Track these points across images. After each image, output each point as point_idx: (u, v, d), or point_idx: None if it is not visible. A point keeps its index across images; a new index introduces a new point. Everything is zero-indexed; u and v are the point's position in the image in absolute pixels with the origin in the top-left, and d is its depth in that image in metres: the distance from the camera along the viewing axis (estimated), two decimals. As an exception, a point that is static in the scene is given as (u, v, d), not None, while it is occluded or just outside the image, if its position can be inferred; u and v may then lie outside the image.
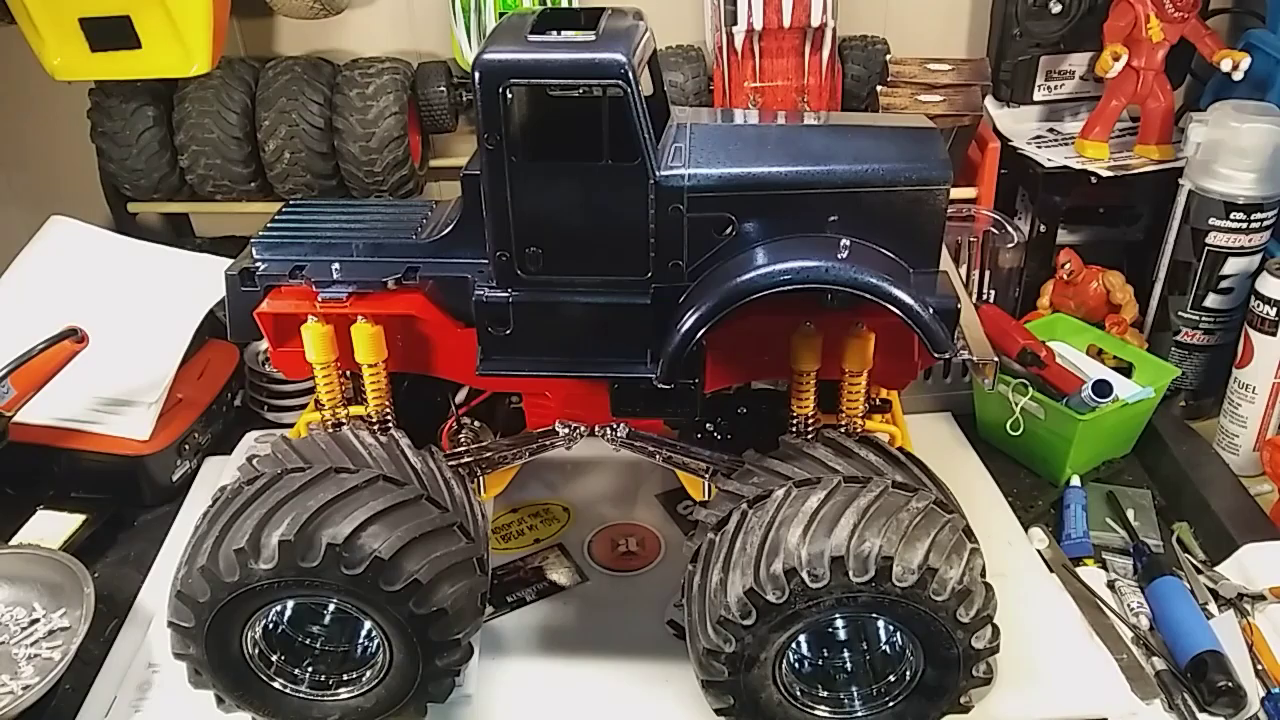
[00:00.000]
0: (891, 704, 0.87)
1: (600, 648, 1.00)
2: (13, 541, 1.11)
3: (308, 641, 0.93)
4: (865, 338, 0.87)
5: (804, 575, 0.79)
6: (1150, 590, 1.04)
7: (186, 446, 1.23)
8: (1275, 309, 1.14)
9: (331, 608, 0.93)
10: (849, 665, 0.90)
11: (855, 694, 0.88)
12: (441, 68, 1.42)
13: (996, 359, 0.89)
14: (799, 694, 0.87)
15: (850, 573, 0.78)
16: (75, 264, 1.30)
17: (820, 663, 0.90)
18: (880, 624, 0.89)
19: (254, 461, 0.92)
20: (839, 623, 0.90)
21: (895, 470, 0.88)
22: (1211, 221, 1.22)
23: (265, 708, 0.90)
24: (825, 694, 0.88)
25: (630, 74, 0.78)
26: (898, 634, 0.86)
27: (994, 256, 1.36)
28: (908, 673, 0.86)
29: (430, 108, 1.41)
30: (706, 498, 0.96)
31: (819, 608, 0.80)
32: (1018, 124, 1.45)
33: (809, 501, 0.82)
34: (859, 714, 0.88)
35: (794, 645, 0.86)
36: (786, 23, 1.33)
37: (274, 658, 0.90)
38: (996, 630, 0.83)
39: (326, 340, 0.92)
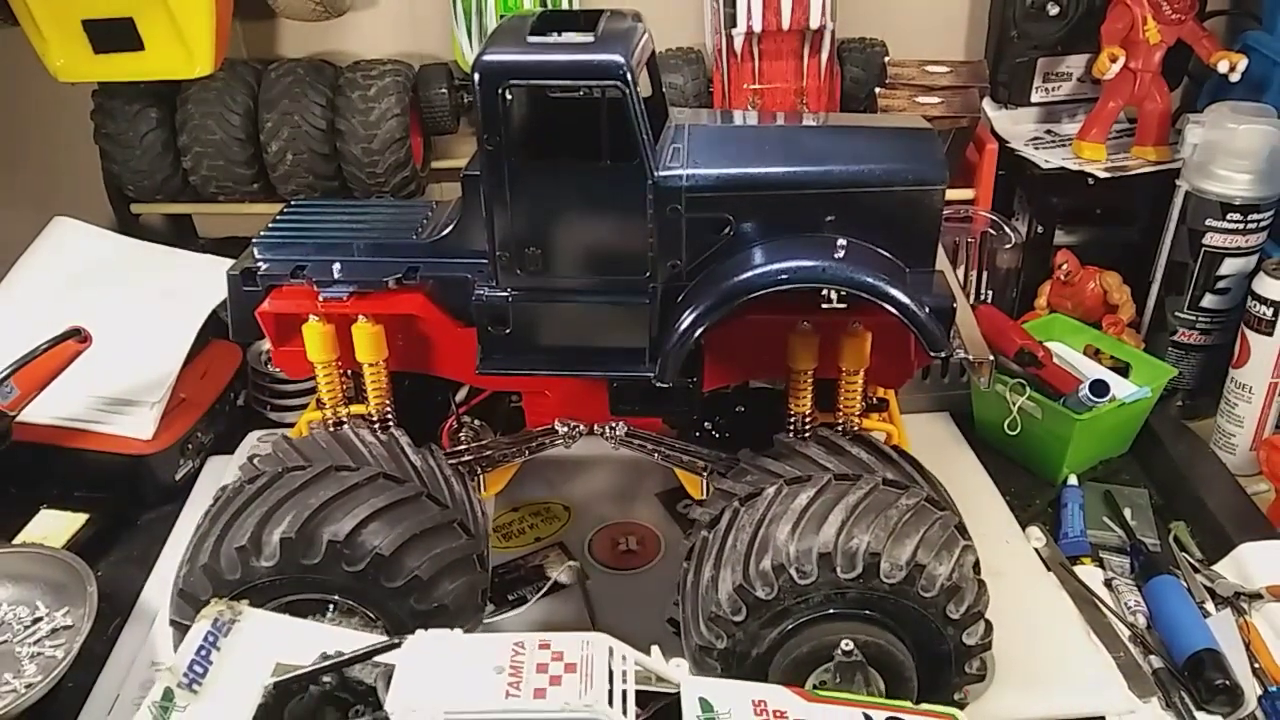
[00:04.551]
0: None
1: (600, 646, 1.00)
2: (16, 540, 1.11)
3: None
4: (862, 337, 0.87)
5: (792, 572, 0.79)
6: (1147, 589, 1.05)
7: (189, 446, 1.24)
8: (1272, 309, 1.15)
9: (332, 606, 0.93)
10: None
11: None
12: (443, 69, 1.42)
13: (993, 358, 0.89)
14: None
15: (838, 569, 0.79)
16: (79, 264, 1.30)
17: None
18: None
19: (255, 460, 0.93)
20: None
21: (887, 468, 0.88)
22: (1208, 222, 1.22)
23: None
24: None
25: (629, 75, 0.79)
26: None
27: (992, 257, 1.36)
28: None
29: (432, 109, 1.41)
30: (705, 496, 0.96)
31: (808, 604, 0.81)
32: (1015, 125, 1.46)
33: (799, 499, 0.83)
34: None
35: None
36: (785, 25, 1.33)
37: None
38: (989, 626, 0.84)
39: (328, 340, 0.92)
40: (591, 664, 0.71)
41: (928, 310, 0.81)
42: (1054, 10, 1.39)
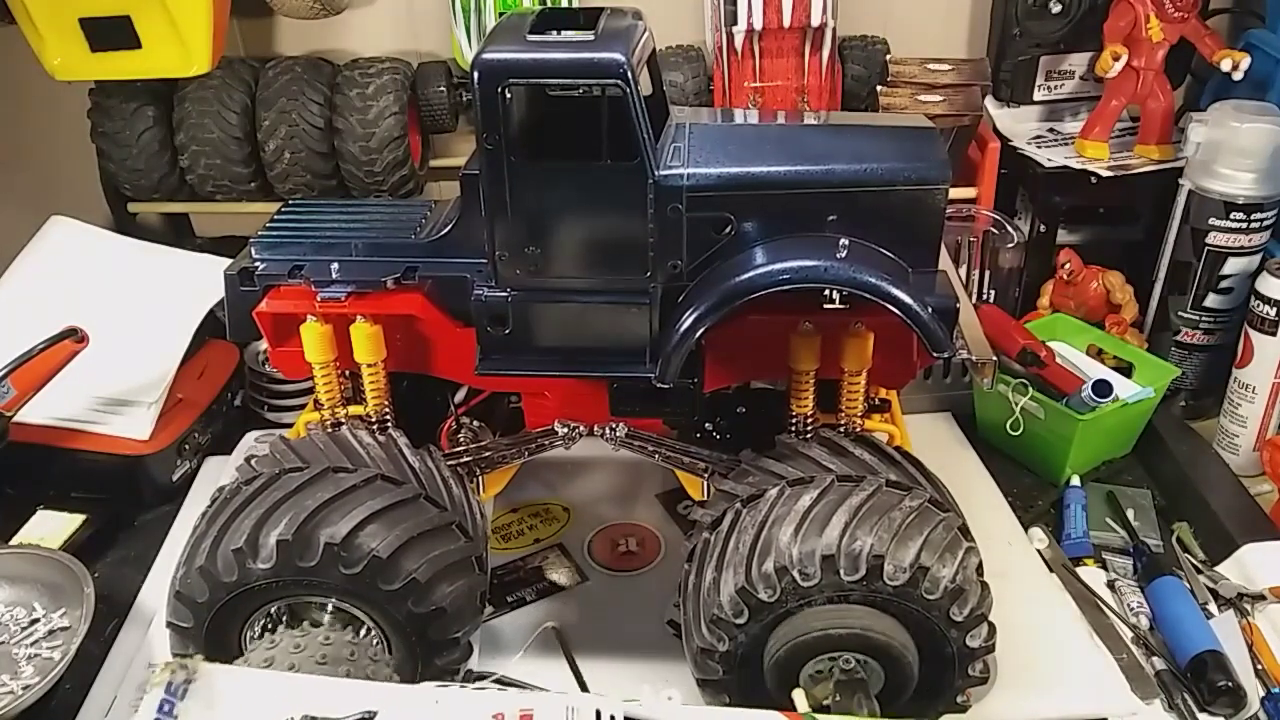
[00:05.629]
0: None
1: (600, 648, 1.00)
2: (13, 541, 1.11)
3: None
4: (864, 337, 0.87)
5: (795, 574, 0.79)
6: (1150, 590, 1.04)
7: (187, 446, 1.23)
8: (1275, 309, 1.14)
9: (331, 607, 0.93)
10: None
11: None
12: (441, 68, 1.42)
13: (995, 358, 0.89)
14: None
15: (841, 571, 0.79)
16: (75, 264, 1.30)
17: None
18: None
19: (252, 461, 0.92)
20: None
21: (890, 469, 0.88)
22: (1211, 221, 1.22)
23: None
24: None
25: (629, 73, 0.78)
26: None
27: (994, 256, 1.36)
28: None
29: (430, 108, 1.41)
30: (706, 497, 0.96)
31: (811, 606, 0.80)
32: (1018, 124, 1.45)
33: (801, 500, 0.82)
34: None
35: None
36: (786, 23, 1.33)
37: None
38: (992, 629, 0.83)
39: (325, 340, 0.92)
40: None
41: (930, 310, 0.81)
42: (1056, 8, 1.38)
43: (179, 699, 0.69)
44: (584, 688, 0.96)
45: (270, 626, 0.88)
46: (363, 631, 0.86)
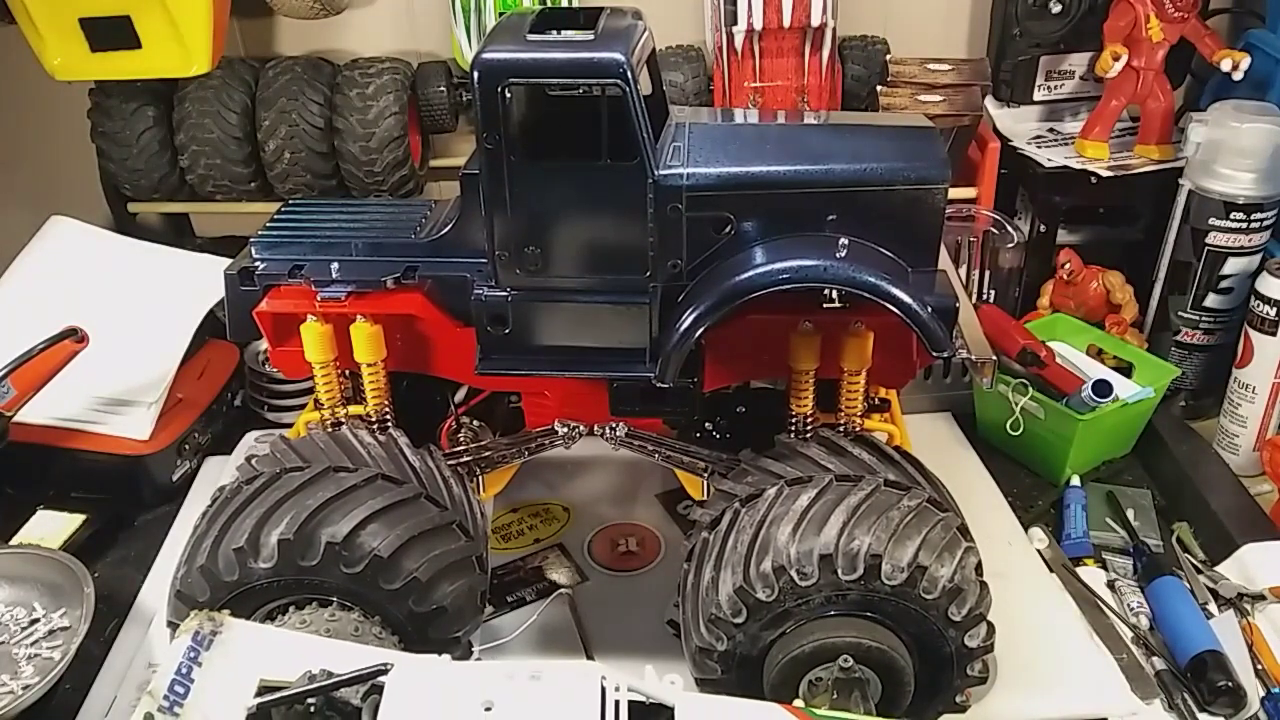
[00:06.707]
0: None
1: (600, 648, 1.00)
2: (13, 541, 1.11)
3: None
4: (864, 337, 0.87)
5: (793, 573, 0.79)
6: (1150, 590, 1.04)
7: (187, 446, 1.23)
8: (1275, 309, 1.14)
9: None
10: None
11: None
12: (441, 68, 1.42)
13: (995, 358, 0.89)
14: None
15: (839, 570, 0.79)
16: (75, 264, 1.30)
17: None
18: None
19: (253, 461, 0.93)
20: None
21: (888, 469, 0.88)
22: (1211, 221, 1.22)
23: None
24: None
25: (629, 73, 0.78)
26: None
27: (994, 256, 1.36)
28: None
29: (430, 108, 1.41)
30: (705, 497, 0.96)
31: (809, 605, 0.80)
32: (1018, 124, 1.45)
33: (800, 500, 0.82)
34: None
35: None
36: (786, 23, 1.33)
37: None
38: (991, 629, 0.83)
39: (325, 339, 0.92)
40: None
41: (930, 310, 0.81)
42: (1056, 8, 1.38)
43: (204, 648, 0.72)
44: (590, 656, 0.97)
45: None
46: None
